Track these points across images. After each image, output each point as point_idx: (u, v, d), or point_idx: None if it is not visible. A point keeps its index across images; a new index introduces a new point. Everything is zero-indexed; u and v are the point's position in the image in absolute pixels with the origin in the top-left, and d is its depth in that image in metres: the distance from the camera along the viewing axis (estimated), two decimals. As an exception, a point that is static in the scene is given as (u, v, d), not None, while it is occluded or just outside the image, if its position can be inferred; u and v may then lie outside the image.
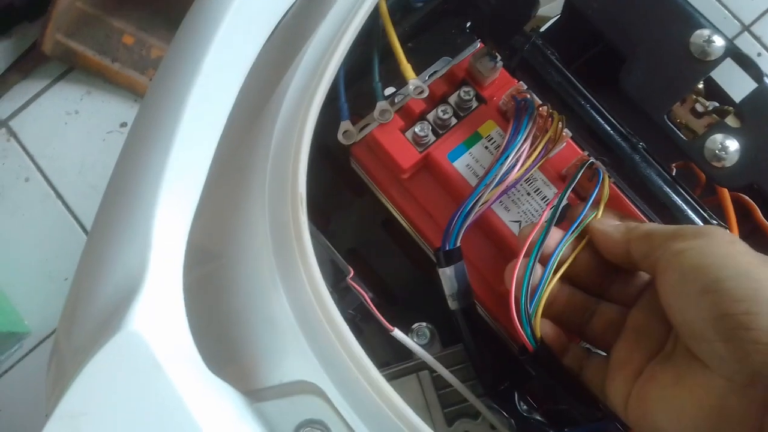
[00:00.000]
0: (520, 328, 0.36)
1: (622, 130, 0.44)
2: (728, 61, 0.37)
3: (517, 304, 0.36)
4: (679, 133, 0.37)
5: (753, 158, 0.35)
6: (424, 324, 0.45)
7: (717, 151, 0.36)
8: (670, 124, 0.37)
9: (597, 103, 0.46)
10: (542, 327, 0.36)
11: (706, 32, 0.37)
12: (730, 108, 0.37)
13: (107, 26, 1.18)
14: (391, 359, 0.45)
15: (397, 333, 0.38)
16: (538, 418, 0.41)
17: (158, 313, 0.31)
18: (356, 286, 0.38)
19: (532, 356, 0.36)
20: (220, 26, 0.35)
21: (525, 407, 0.41)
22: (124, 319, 0.29)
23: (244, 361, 0.38)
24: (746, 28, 1.33)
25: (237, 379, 0.37)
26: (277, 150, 0.38)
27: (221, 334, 0.38)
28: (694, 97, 0.39)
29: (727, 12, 1.32)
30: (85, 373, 0.28)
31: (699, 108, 0.39)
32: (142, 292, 0.31)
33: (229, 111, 0.36)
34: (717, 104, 0.39)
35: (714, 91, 0.39)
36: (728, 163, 0.36)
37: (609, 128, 0.45)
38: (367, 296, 0.38)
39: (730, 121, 0.36)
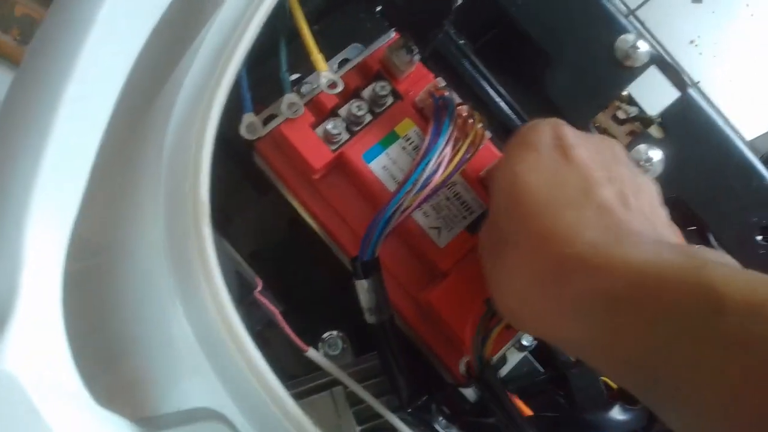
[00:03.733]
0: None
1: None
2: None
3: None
4: (605, 142, 0.36)
5: (677, 171, 0.35)
6: (335, 333, 0.42)
7: (641, 163, 0.35)
8: (595, 131, 0.36)
9: (510, 99, 0.45)
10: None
11: (631, 37, 0.36)
12: (653, 117, 0.37)
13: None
14: (299, 371, 0.42)
15: (312, 353, 0.35)
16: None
17: (33, 345, 0.27)
18: (265, 301, 0.35)
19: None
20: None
21: (443, 421, 0.39)
22: (-6, 357, 0.25)
23: (139, 387, 0.34)
24: (632, 12, 1.37)
25: (131, 407, 0.33)
26: (173, 150, 0.33)
27: (112, 359, 0.34)
28: (617, 103, 0.38)
29: (614, -4, 1.36)
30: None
31: (621, 115, 0.38)
32: (12, 322, 0.27)
33: (111, 106, 0.31)
34: (638, 110, 0.38)
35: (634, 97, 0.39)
36: (652, 175, 0.35)
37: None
38: (278, 312, 0.35)
39: (654, 131, 0.35)
